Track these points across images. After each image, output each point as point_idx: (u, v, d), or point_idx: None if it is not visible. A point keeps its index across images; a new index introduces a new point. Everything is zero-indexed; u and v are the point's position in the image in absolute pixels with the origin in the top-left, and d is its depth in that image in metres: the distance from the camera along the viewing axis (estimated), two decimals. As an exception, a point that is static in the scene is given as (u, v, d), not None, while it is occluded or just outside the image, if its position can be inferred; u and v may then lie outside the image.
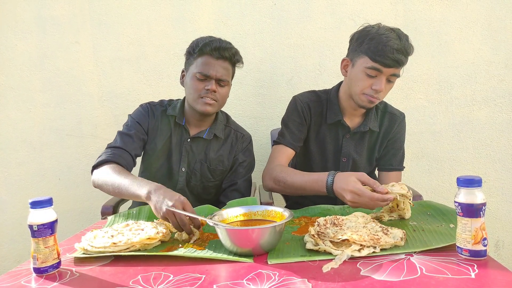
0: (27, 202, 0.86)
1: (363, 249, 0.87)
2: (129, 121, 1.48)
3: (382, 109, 1.49)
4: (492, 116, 1.99)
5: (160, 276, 0.82)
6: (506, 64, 1.96)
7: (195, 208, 1.27)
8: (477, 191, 0.82)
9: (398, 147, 1.49)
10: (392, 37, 1.25)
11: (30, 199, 0.86)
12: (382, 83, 1.28)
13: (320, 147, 1.48)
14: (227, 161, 1.52)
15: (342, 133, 1.45)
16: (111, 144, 1.39)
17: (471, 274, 0.75)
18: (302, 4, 1.98)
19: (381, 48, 1.24)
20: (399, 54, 1.24)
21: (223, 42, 1.40)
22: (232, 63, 1.43)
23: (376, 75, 1.29)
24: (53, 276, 0.85)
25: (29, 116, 2.06)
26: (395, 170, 1.49)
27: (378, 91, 1.29)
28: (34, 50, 2.03)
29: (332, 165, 1.48)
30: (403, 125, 1.50)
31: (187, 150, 1.48)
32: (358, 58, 1.32)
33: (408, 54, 1.27)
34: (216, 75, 1.37)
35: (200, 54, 1.38)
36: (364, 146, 1.46)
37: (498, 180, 2.02)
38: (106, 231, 1.03)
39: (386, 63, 1.25)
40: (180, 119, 1.47)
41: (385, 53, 1.23)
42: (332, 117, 1.44)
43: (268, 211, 1.05)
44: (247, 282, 0.77)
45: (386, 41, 1.24)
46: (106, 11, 2.02)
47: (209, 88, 1.36)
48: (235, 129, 1.56)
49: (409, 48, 1.27)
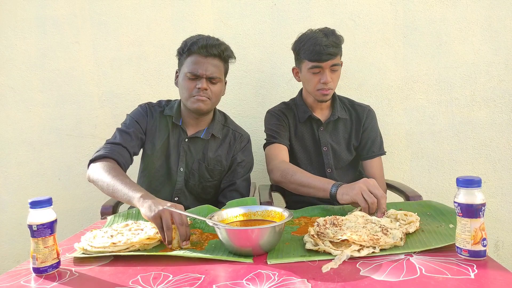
0: (26, 202, 0.86)
1: (363, 249, 0.87)
2: (127, 120, 1.48)
3: (349, 103, 1.66)
4: (492, 116, 1.99)
5: (160, 276, 0.82)
6: (506, 65, 1.96)
7: (194, 208, 1.28)
8: (477, 191, 0.82)
9: (375, 135, 1.63)
10: (319, 36, 1.44)
11: (30, 199, 0.86)
12: (327, 75, 1.47)
13: (301, 143, 1.61)
14: (225, 161, 1.51)
15: (316, 126, 1.60)
16: (110, 140, 1.40)
17: (471, 275, 0.75)
18: (302, 5, 1.98)
19: (313, 49, 1.43)
20: (329, 48, 1.42)
21: (210, 39, 1.40)
22: (222, 59, 1.42)
23: (319, 71, 1.48)
24: (52, 276, 0.85)
25: (29, 116, 2.06)
26: (377, 156, 1.63)
27: (326, 82, 1.47)
28: (34, 50, 2.03)
29: (315, 156, 1.60)
30: (371, 115, 1.65)
31: (185, 150, 1.48)
32: (301, 64, 1.52)
33: (338, 45, 1.46)
34: (206, 73, 1.37)
35: (189, 54, 1.39)
36: (339, 134, 1.61)
37: (498, 180, 2.02)
38: (106, 231, 1.03)
39: (322, 59, 1.43)
40: (177, 119, 1.48)
41: (317, 52, 1.43)
42: (303, 115, 1.60)
43: (268, 211, 1.05)
44: (246, 282, 0.77)
45: (315, 42, 1.43)
46: (106, 11, 2.02)
47: (200, 87, 1.36)
48: (233, 129, 1.56)
49: (337, 39, 1.46)
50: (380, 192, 1.12)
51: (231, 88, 2.01)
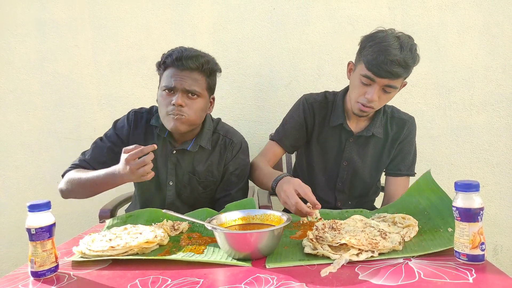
0: (25, 205, 0.86)
1: (361, 254, 0.87)
2: (110, 131, 1.45)
3: (390, 114, 1.45)
4: (490, 121, 2.00)
5: (158, 280, 0.82)
6: (503, 69, 1.97)
7: (192, 212, 1.28)
8: (475, 195, 0.83)
9: (407, 151, 1.45)
10: (394, 46, 1.20)
11: (28, 202, 0.86)
12: (374, 92, 1.26)
13: (322, 149, 1.47)
14: (216, 171, 1.42)
15: (345, 136, 1.44)
16: (83, 153, 1.44)
17: (469, 279, 0.75)
18: (301, 9, 1.99)
19: (376, 57, 1.20)
20: (394, 66, 1.19)
21: (187, 51, 1.28)
22: (202, 72, 1.28)
23: (369, 84, 1.27)
24: (50, 280, 0.85)
25: (28, 119, 2.06)
26: (403, 175, 1.45)
27: (370, 100, 1.27)
28: (33, 53, 2.04)
29: (332, 167, 1.47)
30: (412, 129, 1.46)
31: (173, 162, 1.39)
32: (358, 64, 1.31)
33: (407, 66, 1.23)
34: (181, 86, 1.25)
35: (165, 67, 1.31)
36: (368, 151, 1.44)
37: (496, 184, 2.02)
38: (104, 234, 1.03)
39: (379, 73, 1.21)
40: (163, 131, 1.37)
41: (379, 63, 1.20)
42: (335, 120, 1.43)
43: (267, 215, 1.05)
44: (245, 286, 0.77)
45: (384, 50, 1.20)
46: (105, 14, 2.02)
47: (175, 103, 1.24)
48: (223, 134, 1.44)
49: (409, 59, 1.22)
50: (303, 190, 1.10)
51: (230, 92, 2.02)
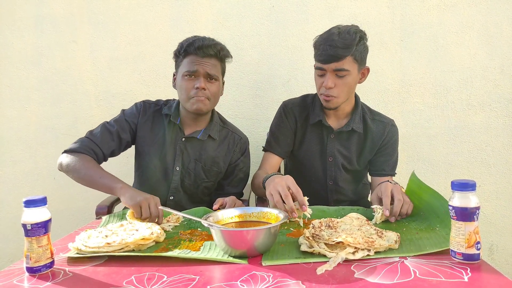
0: (21, 200, 0.86)
1: (358, 252, 0.88)
2: (118, 117, 1.49)
3: (370, 116, 1.51)
4: (487, 120, 2.01)
5: (154, 277, 0.82)
6: (501, 69, 1.98)
7: (190, 210, 1.29)
8: (471, 195, 0.83)
9: (390, 152, 1.51)
10: (333, 34, 1.29)
11: (24, 198, 0.86)
12: (329, 79, 1.32)
13: (307, 148, 1.52)
14: (222, 162, 1.51)
15: (326, 133, 1.49)
16: (91, 133, 1.42)
17: (464, 278, 0.76)
18: (300, 7, 1.99)
19: (319, 47, 1.31)
20: (333, 49, 1.26)
21: (206, 40, 1.40)
22: (219, 59, 1.42)
23: (323, 74, 1.34)
24: (46, 275, 0.84)
25: (25, 115, 2.05)
26: (386, 176, 1.50)
27: (327, 87, 1.33)
28: (31, 48, 2.03)
29: (319, 164, 1.51)
30: (393, 131, 1.51)
31: (181, 149, 1.47)
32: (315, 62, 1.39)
33: (346, 46, 1.27)
34: (203, 70, 1.37)
35: (185, 55, 1.40)
36: (351, 146, 1.49)
37: (492, 184, 2.03)
38: (100, 231, 1.02)
39: (325, 59, 1.29)
40: (175, 118, 1.47)
41: (322, 51, 1.29)
42: (314, 118, 1.48)
43: (263, 213, 1.05)
44: (241, 284, 0.77)
45: (325, 39, 1.29)
46: (104, 10, 2.01)
47: (198, 86, 1.36)
48: (232, 131, 1.55)
49: (348, 40, 1.27)
50: (295, 188, 1.10)
51: (228, 89, 2.01)
